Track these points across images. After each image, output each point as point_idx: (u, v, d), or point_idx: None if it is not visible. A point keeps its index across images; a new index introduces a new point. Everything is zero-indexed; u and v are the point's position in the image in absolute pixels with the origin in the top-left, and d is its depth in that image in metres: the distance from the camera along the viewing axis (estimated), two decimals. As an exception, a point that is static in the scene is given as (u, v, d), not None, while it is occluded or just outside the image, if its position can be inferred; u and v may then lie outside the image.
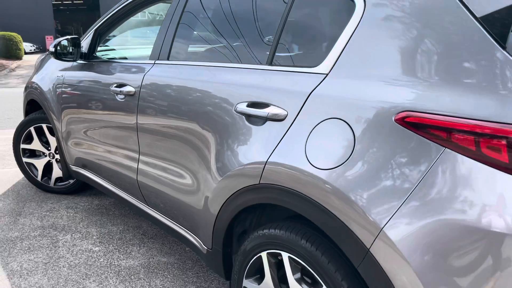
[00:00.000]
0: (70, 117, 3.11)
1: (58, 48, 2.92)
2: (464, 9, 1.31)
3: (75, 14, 50.08)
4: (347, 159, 1.42)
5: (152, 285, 2.50)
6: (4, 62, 21.41)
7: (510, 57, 1.22)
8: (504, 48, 1.23)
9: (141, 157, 2.47)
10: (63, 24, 48.88)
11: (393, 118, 1.34)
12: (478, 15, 1.28)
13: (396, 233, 1.29)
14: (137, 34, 2.99)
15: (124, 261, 2.75)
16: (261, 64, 1.85)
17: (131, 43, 3.08)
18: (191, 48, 2.34)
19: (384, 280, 1.34)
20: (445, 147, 1.25)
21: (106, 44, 3.06)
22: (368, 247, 1.35)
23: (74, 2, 47.08)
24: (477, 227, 1.19)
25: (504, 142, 1.17)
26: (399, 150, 1.33)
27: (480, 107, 1.22)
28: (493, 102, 1.21)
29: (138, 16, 2.86)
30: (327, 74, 1.57)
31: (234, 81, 1.90)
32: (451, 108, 1.26)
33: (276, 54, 1.79)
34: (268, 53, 1.82)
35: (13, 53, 23.93)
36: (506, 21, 1.25)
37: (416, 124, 1.30)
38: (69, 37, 2.94)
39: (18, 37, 24.73)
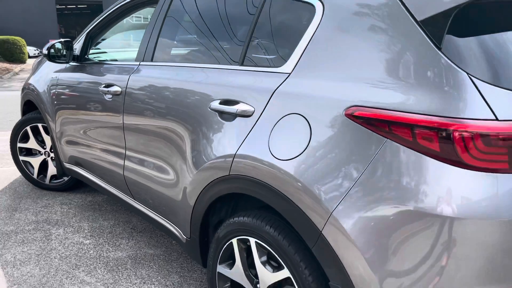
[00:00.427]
0: (63, 116, 3.26)
1: (52, 50, 3.07)
2: (407, 13, 1.44)
3: (78, 18, 50.45)
4: (303, 151, 1.56)
5: (138, 275, 2.63)
6: (8, 65, 21.64)
7: (444, 57, 1.35)
8: (439, 49, 1.37)
9: (127, 153, 2.61)
10: (66, 28, 49.24)
11: (343, 113, 1.48)
12: (418, 19, 1.42)
13: (344, 217, 1.43)
14: (126, 37, 3.14)
15: (112, 253, 2.89)
16: (233, 64, 1.99)
17: (121, 46, 3.23)
18: (173, 50, 2.49)
19: (334, 260, 1.47)
20: (387, 138, 1.38)
21: (98, 46, 3.21)
22: (320, 230, 1.49)
23: (78, 6, 47.45)
24: (414, 210, 1.32)
25: (435, 133, 1.30)
26: (348, 141, 1.46)
27: (417, 103, 1.35)
28: (428, 98, 1.34)
29: (128, 20, 3.01)
30: (289, 74, 1.71)
31: (209, 81, 2.04)
32: (393, 103, 1.39)
33: (247, 55, 1.93)
34: (240, 54, 1.96)
35: (17, 57, 24.17)
36: (441, 24, 1.38)
37: (363, 118, 1.43)
38: (62, 40, 3.09)
39: (22, 41, 24.99)
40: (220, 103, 1.91)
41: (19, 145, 3.85)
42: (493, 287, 1.31)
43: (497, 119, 1.26)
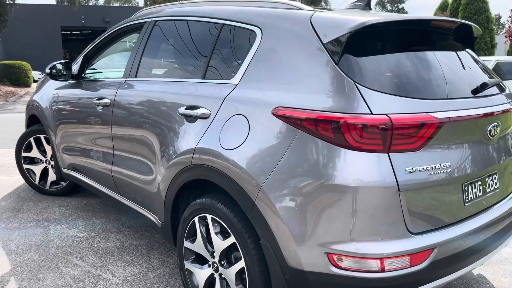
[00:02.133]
0: (62, 127, 3.75)
1: (54, 70, 3.59)
2: (317, 37, 1.94)
3: (83, 43, 51.65)
4: (243, 142, 2.03)
5: (123, 260, 3.07)
6: (13, 89, 22.35)
7: (339, 70, 1.84)
8: (337, 64, 1.86)
9: (115, 156, 3.09)
10: (71, 53, 50.36)
11: (271, 112, 1.96)
12: (323, 42, 1.92)
13: (270, 190, 1.89)
14: (117, 58, 3.66)
15: (102, 243, 3.34)
16: (197, 78, 2.48)
17: (113, 66, 3.74)
18: (152, 68, 2.99)
19: (264, 223, 1.93)
20: (300, 130, 1.86)
21: (93, 67, 3.72)
22: (254, 201, 1.95)
23: (83, 32, 48.67)
24: (319, 182, 1.78)
25: (330, 124, 1.77)
26: (274, 133, 1.94)
27: (319, 103, 1.83)
28: (327, 100, 1.82)
29: (119, 44, 3.54)
30: (237, 84, 2.20)
31: (179, 91, 2.53)
32: (304, 104, 1.87)
33: (207, 71, 2.43)
34: (202, 70, 2.46)
35: (22, 81, 24.90)
36: (338, 46, 1.87)
37: (284, 116, 1.91)
38: (62, 61, 3.61)
39: (27, 65, 25.79)
40: (186, 109, 2.39)
41: (23, 154, 4.33)
42: (376, 237, 1.76)
43: (371, 113, 1.74)
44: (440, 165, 1.85)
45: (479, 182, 2.09)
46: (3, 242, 3.34)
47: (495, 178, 2.20)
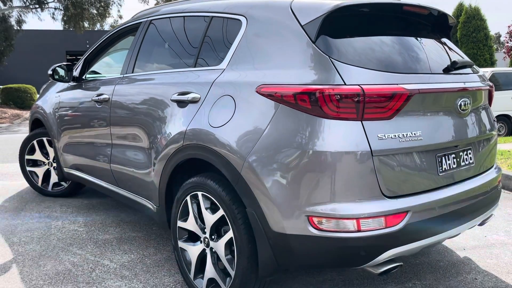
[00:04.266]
0: (63, 127, 3.92)
1: (55, 72, 3.78)
2: (295, 19, 2.10)
3: (87, 67, 52.54)
4: (230, 119, 2.18)
5: (121, 249, 3.19)
6: (18, 112, 22.71)
7: (316, 47, 2.00)
8: (314, 42, 2.02)
9: (113, 149, 3.24)
10: (76, 77, 51.21)
11: (255, 90, 2.11)
12: (302, 23, 2.08)
13: (254, 161, 2.03)
14: (115, 59, 3.85)
15: (101, 235, 3.46)
16: (189, 67, 2.65)
17: (113, 66, 3.92)
18: (147, 63, 3.17)
19: (249, 192, 2.06)
20: (281, 104, 2.00)
21: (93, 69, 3.91)
22: (240, 172, 2.08)
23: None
24: (300, 149, 1.92)
25: (307, 96, 1.92)
26: (258, 109, 2.09)
27: (298, 78, 1.99)
28: (304, 74, 1.98)
29: (118, 46, 3.74)
30: (224, 69, 2.36)
31: (172, 80, 2.70)
32: (284, 80, 2.03)
33: (198, 59, 2.60)
34: (193, 60, 2.63)
35: (28, 104, 25.27)
36: (315, 26, 2.03)
37: (266, 92, 2.06)
38: (64, 63, 3.81)
39: (32, 89, 26.22)
40: (178, 95, 2.55)
41: (27, 157, 4.49)
42: (353, 199, 1.89)
43: (345, 84, 1.89)
44: (412, 133, 1.99)
45: (453, 155, 2.22)
46: (6, 236, 3.46)
47: (470, 153, 2.33)
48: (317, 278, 2.70)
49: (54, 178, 4.45)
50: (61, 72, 3.82)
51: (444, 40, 2.56)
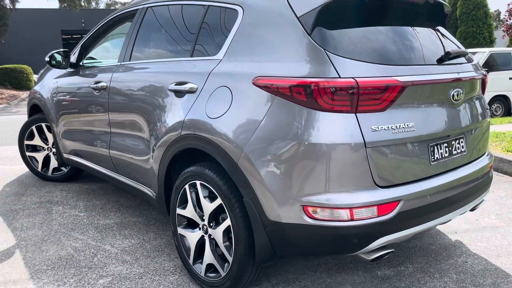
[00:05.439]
0: (62, 113, 3.94)
1: (52, 58, 3.79)
2: (291, 11, 2.12)
3: (83, 47, 51.91)
4: (227, 110, 2.22)
5: (122, 234, 3.26)
6: (15, 92, 22.58)
7: (311, 40, 2.02)
8: (309, 35, 2.04)
9: (112, 136, 3.28)
10: (72, 56, 50.69)
11: (252, 82, 2.14)
12: (298, 15, 2.10)
13: (251, 152, 2.07)
14: (113, 45, 3.86)
15: (102, 220, 3.53)
16: (186, 57, 2.67)
17: (110, 52, 3.93)
18: (144, 51, 3.18)
19: (246, 182, 2.11)
20: (277, 96, 2.04)
21: (90, 55, 3.91)
22: (237, 163, 2.13)
23: (83, 35, 48.98)
24: (295, 141, 1.96)
25: (302, 89, 1.96)
26: (254, 100, 2.12)
27: (294, 71, 2.02)
28: (300, 67, 2.01)
29: (115, 32, 3.73)
30: (221, 59, 2.39)
31: (169, 70, 2.72)
32: (280, 73, 2.05)
33: (195, 49, 2.62)
34: (190, 49, 2.64)
35: (24, 84, 25.12)
36: (311, 18, 2.05)
37: (263, 84, 2.09)
38: (61, 50, 3.81)
39: (28, 69, 26.01)
40: (175, 85, 2.58)
41: (26, 142, 4.53)
42: (346, 189, 1.95)
43: (340, 77, 1.92)
44: (405, 124, 2.03)
45: (445, 144, 2.27)
46: (8, 221, 3.53)
47: (462, 142, 2.38)
48: (313, 262, 2.79)
49: (53, 163, 4.50)
50: (58, 58, 3.83)
51: (439, 28, 2.58)
